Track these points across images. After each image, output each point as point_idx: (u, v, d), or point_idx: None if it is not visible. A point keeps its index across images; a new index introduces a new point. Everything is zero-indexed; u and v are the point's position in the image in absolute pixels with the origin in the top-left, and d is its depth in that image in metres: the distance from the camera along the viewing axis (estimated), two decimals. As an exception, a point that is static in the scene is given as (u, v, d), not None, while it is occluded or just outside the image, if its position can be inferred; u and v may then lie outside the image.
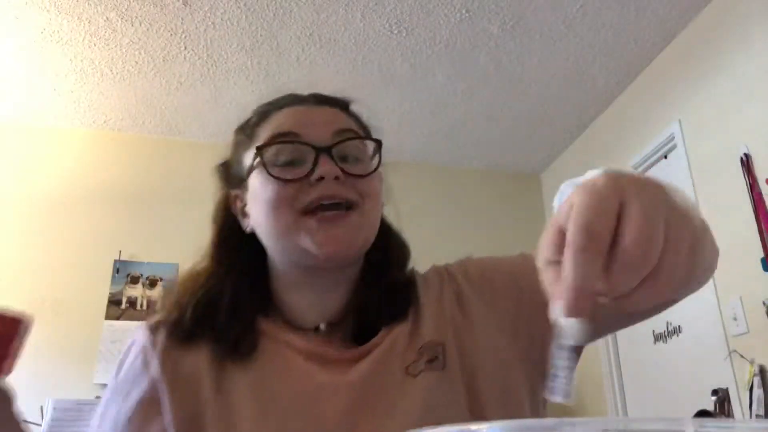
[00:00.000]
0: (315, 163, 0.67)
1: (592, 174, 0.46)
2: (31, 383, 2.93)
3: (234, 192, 0.75)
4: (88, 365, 3.04)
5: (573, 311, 0.34)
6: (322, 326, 0.71)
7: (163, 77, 3.10)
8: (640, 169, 3.10)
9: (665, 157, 2.95)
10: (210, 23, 2.74)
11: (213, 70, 3.05)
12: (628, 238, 0.35)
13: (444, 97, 3.29)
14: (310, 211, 0.66)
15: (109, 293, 3.24)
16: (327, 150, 0.67)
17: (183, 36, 2.82)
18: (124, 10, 2.66)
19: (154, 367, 0.66)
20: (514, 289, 0.71)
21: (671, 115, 2.85)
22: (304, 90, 0.82)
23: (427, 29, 2.79)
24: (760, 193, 2.28)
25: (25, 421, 0.62)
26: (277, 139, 0.70)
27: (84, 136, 3.51)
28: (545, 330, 0.69)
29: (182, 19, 2.71)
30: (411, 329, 0.70)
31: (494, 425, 0.25)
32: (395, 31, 2.80)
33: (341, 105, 0.78)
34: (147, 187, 3.50)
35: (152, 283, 3.29)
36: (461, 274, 0.75)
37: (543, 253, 0.39)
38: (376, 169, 0.71)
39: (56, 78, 3.08)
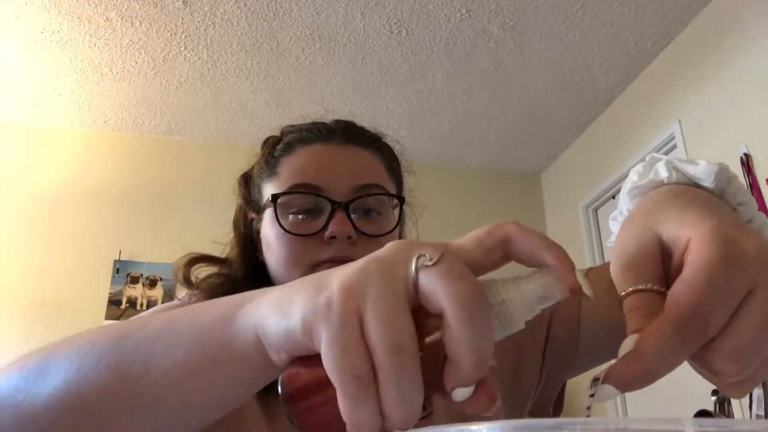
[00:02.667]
0: (329, 219, 0.65)
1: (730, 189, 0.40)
2: (31, 383, 2.93)
3: (251, 214, 0.75)
4: (88, 365, 3.04)
5: (626, 387, 0.30)
6: None
7: (163, 77, 3.10)
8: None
9: (665, 157, 2.95)
10: (210, 23, 2.74)
11: (213, 70, 3.05)
12: (747, 330, 0.30)
13: (444, 97, 3.28)
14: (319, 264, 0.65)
15: (109, 293, 3.24)
16: (344, 205, 0.66)
17: (183, 36, 2.82)
18: (124, 10, 2.66)
19: None
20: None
21: (671, 115, 2.85)
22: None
23: (427, 29, 2.79)
24: (760, 193, 2.28)
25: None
26: (294, 189, 0.68)
27: (84, 136, 3.51)
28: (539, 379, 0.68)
29: (182, 19, 2.71)
30: None
31: (494, 425, 0.25)
32: (395, 31, 2.80)
33: (370, 142, 0.74)
34: (147, 187, 3.50)
35: (152, 283, 3.29)
36: None
37: (634, 270, 0.34)
38: (395, 228, 0.69)
39: (56, 78, 3.08)
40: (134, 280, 3.29)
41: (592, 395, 0.31)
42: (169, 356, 0.37)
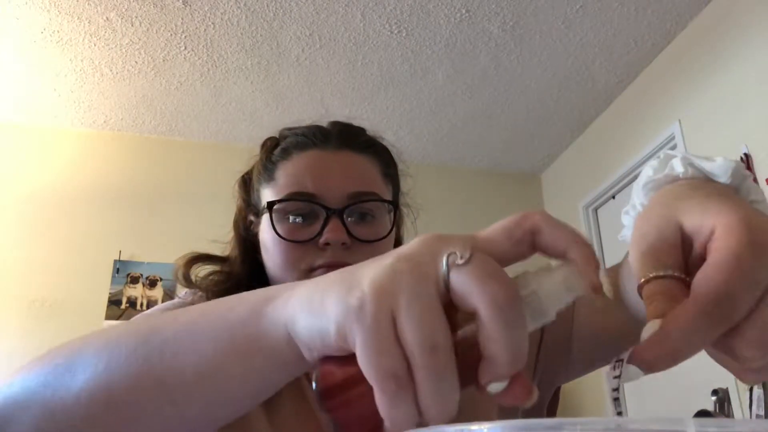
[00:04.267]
0: (324, 225, 0.67)
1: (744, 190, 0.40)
2: (31, 383, 2.93)
3: (250, 217, 0.77)
4: (88, 365, 3.04)
5: (651, 368, 0.30)
6: None
7: (163, 77, 3.10)
8: (639, 169, 3.10)
9: (665, 157, 2.95)
10: (210, 23, 2.74)
11: (213, 70, 3.05)
12: None
13: (444, 97, 3.28)
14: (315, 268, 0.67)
15: (109, 293, 3.24)
16: (339, 212, 0.67)
17: (183, 36, 2.82)
18: (124, 10, 2.66)
19: None
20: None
21: (671, 115, 2.85)
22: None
23: (427, 29, 2.79)
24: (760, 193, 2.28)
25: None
26: (290, 196, 0.70)
27: (84, 136, 3.51)
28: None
29: (182, 19, 2.71)
30: None
31: (495, 425, 0.25)
32: (395, 31, 2.80)
33: (366, 146, 0.75)
34: (147, 187, 3.50)
35: (152, 283, 3.29)
36: None
37: (655, 257, 0.34)
38: (390, 232, 0.71)
39: (56, 78, 3.08)
40: (134, 280, 3.29)
41: (617, 377, 0.31)
42: (197, 352, 0.37)
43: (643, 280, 0.34)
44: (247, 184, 0.79)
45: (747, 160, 2.35)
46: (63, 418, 0.40)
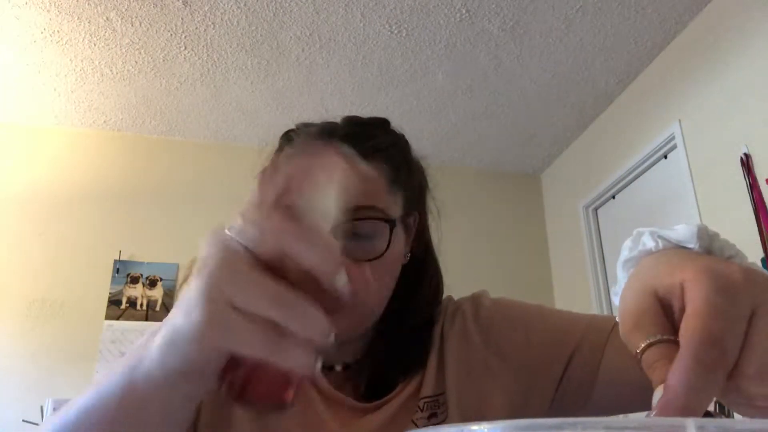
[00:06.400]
0: None
1: (697, 238, 0.42)
2: (31, 383, 2.93)
3: None
4: (88, 365, 3.04)
5: None
6: (338, 368, 0.70)
7: (163, 77, 3.10)
8: (639, 169, 3.10)
9: (665, 157, 2.95)
10: (210, 23, 2.74)
11: (213, 70, 3.05)
12: (765, 346, 0.31)
13: (444, 97, 3.28)
14: None
15: (109, 293, 3.24)
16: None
17: (183, 36, 2.82)
18: (124, 10, 2.66)
19: None
20: (523, 339, 0.70)
21: (671, 115, 2.85)
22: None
23: (427, 29, 2.79)
24: (760, 193, 2.28)
25: (25, 421, 0.63)
26: None
27: (84, 136, 3.51)
28: (556, 375, 0.68)
29: (182, 19, 2.71)
30: (420, 381, 0.69)
31: (495, 425, 0.25)
32: (395, 31, 2.80)
33: (373, 152, 0.69)
34: (147, 187, 3.50)
35: (152, 283, 3.29)
36: (471, 315, 0.73)
37: (641, 328, 0.35)
38: (382, 255, 0.64)
39: (56, 78, 3.08)
40: (134, 280, 3.29)
41: None
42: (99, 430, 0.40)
43: (637, 351, 0.35)
44: None
45: (747, 160, 2.35)
46: None
